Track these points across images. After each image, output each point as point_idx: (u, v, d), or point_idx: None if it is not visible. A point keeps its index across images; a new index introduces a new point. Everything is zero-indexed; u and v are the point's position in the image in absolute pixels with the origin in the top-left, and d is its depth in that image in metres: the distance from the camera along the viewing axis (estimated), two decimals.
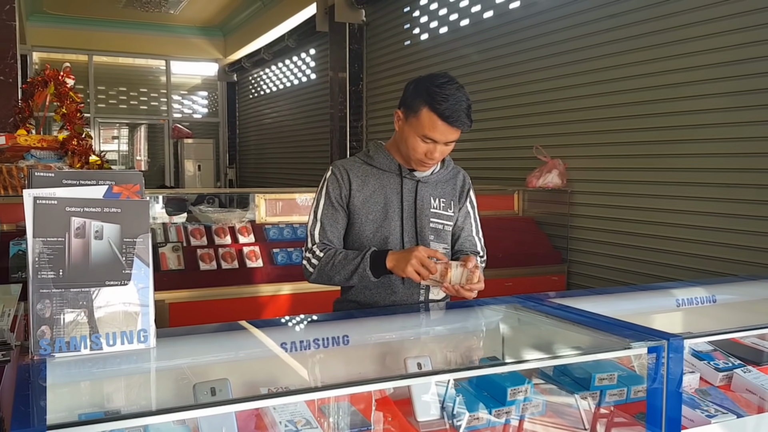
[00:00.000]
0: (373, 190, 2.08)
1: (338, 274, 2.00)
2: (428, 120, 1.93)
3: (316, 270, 2.05)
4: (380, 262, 1.94)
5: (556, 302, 2.03)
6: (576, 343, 1.76)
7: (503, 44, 5.43)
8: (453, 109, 1.90)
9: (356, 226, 2.08)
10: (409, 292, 2.11)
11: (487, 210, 4.90)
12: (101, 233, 1.55)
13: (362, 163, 2.12)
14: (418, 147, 1.98)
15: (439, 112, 1.91)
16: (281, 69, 10.69)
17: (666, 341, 1.62)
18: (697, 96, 3.82)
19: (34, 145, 3.19)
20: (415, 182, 2.10)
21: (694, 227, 3.87)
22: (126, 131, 13.26)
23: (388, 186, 2.09)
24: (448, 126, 1.92)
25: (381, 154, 2.11)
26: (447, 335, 1.99)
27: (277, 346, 1.70)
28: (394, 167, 2.09)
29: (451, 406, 1.68)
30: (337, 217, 2.08)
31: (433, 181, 2.13)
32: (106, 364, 1.51)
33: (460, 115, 1.91)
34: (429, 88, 1.94)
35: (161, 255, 3.57)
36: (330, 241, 2.07)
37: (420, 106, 1.94)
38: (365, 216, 2.07)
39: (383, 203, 2.08)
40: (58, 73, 3.45)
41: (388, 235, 2.07)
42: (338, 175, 2.08)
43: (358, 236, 2.09)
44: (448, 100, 1.90)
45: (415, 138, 1.97)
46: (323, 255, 2.04)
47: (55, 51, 11.83)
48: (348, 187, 2.07)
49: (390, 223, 2.08)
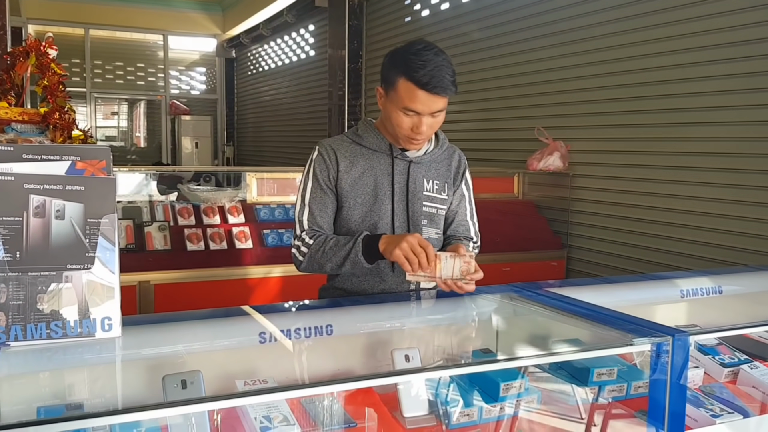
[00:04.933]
0: (362, 172, 1.95)
1: (329, 262, 1.88)
2: (407, 90, 1.79)
3: (306, 258, 1.93)
4: (373, 247, 1.81)
5: (554, 292, 1.92)
6: (574, 337, 1.65)
7: (506, 21, 5.28)
8: (432, 75, 1.75)
9: (344, 210, 1.96)
10: (399, 280, 1.99)
11: (485, 193, 4.80)
12: (63, 213, 1.44)
13: (351, 143, 1.98)
14: (403, 122, 1.84)
15: (416, 79, 1.76)
16: (280, 45, 10.55)
17: (671, 337, 1.52)
18: (706, 77, 3.68)
19: (15, 118, 3.06)
20: (407, 163, 1.97)
21: (699, 214, 3.76)
22: (125, 107, 13.09)
23: (378, 167, 1.96)
24: (428, 94, 1.78)
25: (371, 133, 1.97)
26: (437, 326, 1.89)
27: (255, 335, 1.59)
28: (385, 147, 1.96)
29: (440, 402, 1.59)
30: (326, 201, 1.96)
31: (426, 161, 2.00)
32: (67, 353, 1.41)
33: (441, 80, 1.77)
34: (404, 56, 1.80)
35: (147, 234, 3.46)
36: (320, 227, 1.96)
37: (397, 77, 1.80)
38: (353, 199, 1.95)
39: (373, 185, 1.95)
40: (40, 43, 3.31)
41: (378, 220, 1.95)
42: (325, 156, 1.95)
43: (346, 221, 1.97)
44: (425, 66, 1.76)
45: (397, 113, 1.84)
46: (313, 242, 1.92)
47: (51, 24, 11.63)
48: (336, 168, 1.94)
49: (380, 207, 1.95)
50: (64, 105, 3.15)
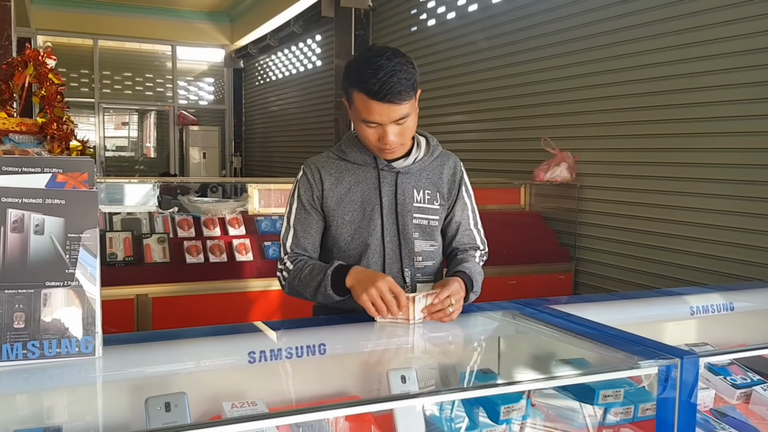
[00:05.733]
0: (348, 188, 1.88)
1: (305, 291, 1.83)
2: (362, 102, 1.71)
3: (287, 284, 1.89)
4: (343, 280, 1.75)
5: (558, 309, 1.85)
6: (578, 357, 1.58)
7: (512, 30, 5.22)
8: (383, 82, 1.65)
9: (333, 228, 1.89)
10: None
11: (491, 204, 4.73)
12: (42, 227, 1.39)
13: (336, 158, 1.92)
14: (367, 134, 1.76)
15: (367, 89, 1.67)
16: (287, 55, 10.56)
17: (679, 359, 1.44)
18: (717, 86, 3.60)
19: (13, 128, 3.03)
20: (395, 174, 1.89)
21: (711, 226, 3.66)
22: (136, 118, 13.12)
23: (365, 181, 1.88)
24: (381, 104, 1.68)
25: (354, 148, 1.90)
26: (436, 345, 1.81)
27: (244, 354, 1.53)
28: (369, 160, 1.88)
29: (438, 425, 1.52)
30: (310, 222, 1.89)
31: (415, 170, 1.91)
32: (45, 374, 1.35)
33: (392, 85, 1.66)
34: (356, 66, 1.72)
35: (146, 246, 3.41)
36: (304, 249, 1.90)
37: (352, 90, 1.73)
38: (341, 217, 1.88)
39: (360, 201, 1.88)
40: (39, 53, 3.28)
41: (368, 236, 1.88)
42: (309, 175, 1.89)
43: (335, 240, 1.90)
44: (376, 74, 1.66)
45: (360, 126, 1.77)
46: (293, 267, 1.86)
47: (60, 35, 11.69)
48: (320, 188, 1.87)
49: (369, 223, 1.88)
50: (62, 115, 3.11)
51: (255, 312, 3.51)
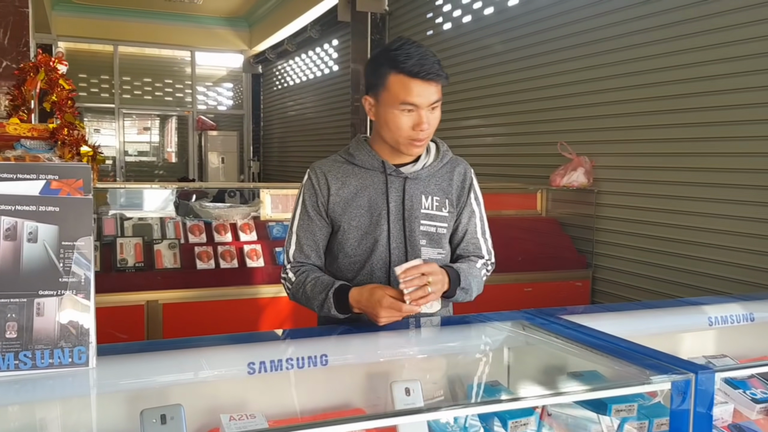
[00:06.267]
0: (354, 193, 1.84)
1: (309, 305, 1.82)
2: (399, 84, 1.71)
3: (291, 294, 1.89)
4: (345, 301, 1.73)
5: (569, 320, 1.79)
6: (589, 370, 1.52)
7: (528, 33, 5.16)
8: (421, 63, 1.70)
9: (339, 234, 1.86)
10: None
11: (507, 209, 4.67)
12: (35, 235, 1.36)
13: (343, 162, 1.89)
14: (402, 122, 1.74)
15: (407, 70, 1.69)
16: (304, 60, 10.58)
17: (693, 375, 1.38)
18: (737, 89, 3.51)
19: (24, 134, 3.03)
20: (403, 179, 1.85)
21: (732, 233, 3.57)
22: (157, 123, 13.22)
23: (372, 186, 1.84)
24: (422, 82, 1.70)
25: (362, 151, 1.87)
26: (442, 356, 1.76)
27: (243, 365, 1.49)
28: (378, 164, 1.85)
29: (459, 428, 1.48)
30: (313, 228, 1.87)
31: (424, 176, 1.87)
32: (37, 386, 1.32)
33: (431, 66, 1.71)
34: (387, 54, 1.74)
35: (156, 252, 3.39)
36: (307, 257, 1.88)
37: (386, 75, 1.73)
38: (348, 222, 1.84)
39: (367, 206, 1.84)
40: (50, 58, 3.29)
41: (374, 243, 1.84)
42: (314, 180, 1.87)
43: (341, 245, 1.87)
44: (412, 57, 1.70)
45: (394, 113, 1.74)
46: (295, 279, 1.85)
47: (81, 41, 11.81)
48: (326, 192, 1.84)
49: (375, 228, 1.84)
50: (72, 121, 3.11)
51: (265, 318, 3.48)
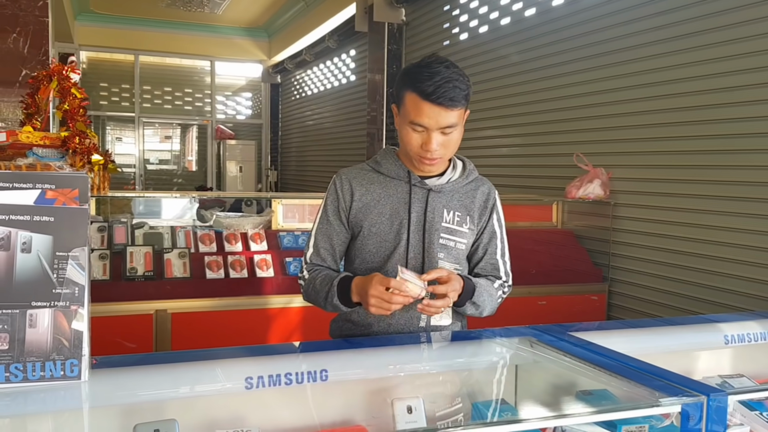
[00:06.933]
0: (377, 200, 1.85)
1: (317, 300, 1.85)
2: (412, 103, 1.71)
3: (304, 292, 1.92)
4: (348, 291, 1.75)
5: (578, 337, 1.73)
6: (597, 389, 1.46)
7: (545, 44, 5.10)
8: (438, 85, 1.66)
9: (359, 239, 1.87)
10: (408, 315, 1.87)
11: (522, 221, 4.60)
12: (29, 245, 1.35)
13: (370, 170, 1.90)
14: (411, 139, 1.75)
15: (421, 90, 1.68)
16: (322, 70, 10.61)
17: (705, 397, 1.32)
18: (758, 101, 3.43)
19: (36, 142, 3.04)
20: (426, 191, 1.86)
21: (753, 248, 3.47)
22: (179, 131, 13.31)
23: (395, 195, 1.86)
24: (433, 105, 1.68)
25: (389, 160, 1.88)
26: (446, 373, 1.72)
27: (240, 380, 1.46)
28: (403, 174, 1.86)
29: None
30: (331, 233, 1.88)
31: (448, 190, 1.88)
32: (29, 399, 1.30)
33: (447, 90, 1.66)
34: (412, 69, 1.73)
35: (166, 261, 3.38)
36: (323, 260, 1.90)
37: (404, 92, 1.73)
38: (368, 228, 1.85)
39: (389, 214, 1.85)
40: (63, 67, 3.30)
41: (392, 251, 1.84)
42: (338, 186, 1.88)
43: (360, 251, 1.88)
44: (432, 78, 1.67)
45: (406, 129, 1.75)
46: (308, 276, 1.88)
47: (103, 50, 11.95)
48: (350, 198, 1.86)
49: (395, 236, 1.84)
50: (84, 129, 3.12)
51: (275, 329, 3.45)
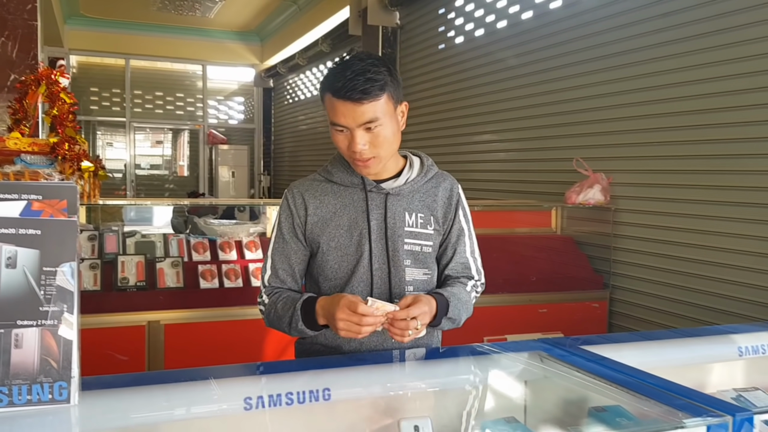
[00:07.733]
0: (333, 212, 1.74)
1: (280, 327, 1.73)
2: (329, 104, 1.63)
3: (266, 318, 1.78)
4: (312, 313, 1.64)
5: (591, 351, 1.67)
6: (613, 406, 1.40)
7: (542, 47, 5.05)
8: (347, 79, 1.56)
9: (318, 256, 1.76)
10: (381, 337, 1.75)
11: (521, 227, 4.54)
12: (14, 260, 1.27)
13: (322, 181, 1.79)
14: (338, 141, 1.66)
15: (332, 88, 1.59)
16: (315, 75, 10.55)
17: (731, 417, 1.26)
18: (761, 105, 3.38)
19: (24, 149, 2.95)
20: (384, 195, 1.74)
21: (758, 254, 3.42)
22: (170, 136, 13.20)
23: (352, 204, 1.74)
24: (345, 102, 1.58)
25: (340, 168, 1.77)
26: (454, 390, 1.64)
27: (239, 400, 1.38)
28: (357, 180, 1.74)
29: None
30: (289, 252, 1.76)
31: (407, 191, 1.76)
32: (15, 424, 1.22)
33: (357, 83, 1.56)
34: (329, 69, 1.65)
35: (159, 271, 3.29)
36: (282, 281, 1.77)
37: (323, 94, 1.65)
38: (327, 243, 1.73)
39: (347, 226, 1.73)
40: (52, 71, 3.22)
41: (356, 264, 1.73)
42: (290, 201, 1.76)
43: (321, 268, 1.77)
44: (344, 73, 1.58)
45: (332, 132, 1.67)
46: (268, 301, 1.75)
47: (93, 54, 11.86)
48: (304, 213, 1.74)
49: (356, 249, 1.73)
50: (73, 135, 3.03)
51: (270, 340, 3.37)
